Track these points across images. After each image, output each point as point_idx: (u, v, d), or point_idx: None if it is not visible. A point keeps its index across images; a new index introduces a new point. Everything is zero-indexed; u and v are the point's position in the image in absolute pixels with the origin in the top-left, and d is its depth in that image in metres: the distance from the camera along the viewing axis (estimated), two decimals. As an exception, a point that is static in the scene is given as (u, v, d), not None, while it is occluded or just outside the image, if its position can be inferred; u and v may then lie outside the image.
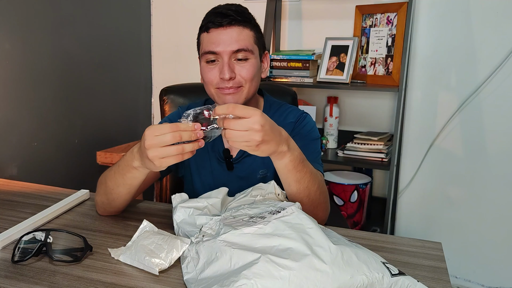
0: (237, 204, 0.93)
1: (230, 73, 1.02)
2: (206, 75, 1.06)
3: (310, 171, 0.94)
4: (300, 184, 0.92)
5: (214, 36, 1.02)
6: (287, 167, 0.90)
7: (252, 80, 1.06)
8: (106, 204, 1.02)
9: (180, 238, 0.82)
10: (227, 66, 1.02)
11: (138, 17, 2.51)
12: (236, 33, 1.02)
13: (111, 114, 2.35)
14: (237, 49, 1.02)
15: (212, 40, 1.03)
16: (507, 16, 1.92)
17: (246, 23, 1.04)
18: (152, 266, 0.77)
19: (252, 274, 0.66)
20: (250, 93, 1.07)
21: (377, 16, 2.06)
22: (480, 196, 2.08)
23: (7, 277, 0.76)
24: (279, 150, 0.86)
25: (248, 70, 1.04)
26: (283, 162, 0.89)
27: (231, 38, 1.02)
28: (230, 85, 1.04)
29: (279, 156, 0.88)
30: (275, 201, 0.93)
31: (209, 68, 1.05)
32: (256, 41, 1.07)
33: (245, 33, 1.04)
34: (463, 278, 2.16)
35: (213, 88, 1.06)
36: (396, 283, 0.69)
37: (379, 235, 0.98)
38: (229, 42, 1.02)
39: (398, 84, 1.91)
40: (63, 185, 1.34)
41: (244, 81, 1.05)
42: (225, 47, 1.02)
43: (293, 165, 0.90)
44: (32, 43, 1.84)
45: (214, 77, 1.04)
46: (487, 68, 1.98)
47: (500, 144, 2.02)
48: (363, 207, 2.10)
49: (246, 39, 1.03)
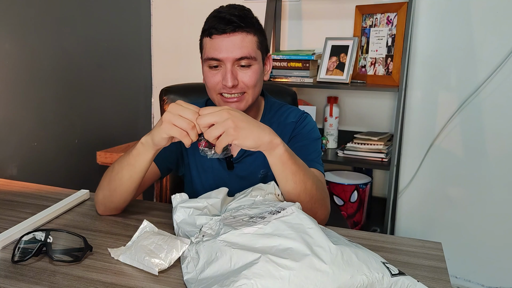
0: (237, 204, 0.93)
1: (233, 80, 1.02)
2: (209, 80, 1.06)
3: (303, 164, 0.95)
4: (296, 176, 0.92)
5: (217, 43, 1.02)
6: (282, 159, 0.90)
7: (255, 86, 1.06)
8: (107, 197, 1.01)
9: (180, 238, 0.82)
10: (230, 73, 1.02)
11: (138, 17, 2.51)
12: (239, 40, 1.02)
13: (111, 114, 2.35)
14: (240, 57, 1.02)
15: (215, 47, 1.02)
16: (507, 16, 1.92)
17: (249, 29, 1.03)
18: (152, 266, 0.77)
19: (252, 274, 0.66)
20: (253, 99, 1.08)
21: (377, 16, 2.06)
22: (480, 196, 2.08)
23: (7, 277, 0.76)
24: (269, 139, 0.88)
25: (250, 77, 1.04)
26: (277, 153, 0.90)
27: (234, 45, 1.01)
28: (233, 92, 1.04)
29: (271, 146, 0.88)
30: (275, 201, 0.93)
31: (212, 74, 1.05)
32: (259, 46, 1.06)
33: (249, 39, 1.03)
34: (463, 278, 2.16)
35: (216, 94, 1.07)
36: (396, 283, 0.69)
37: (379, 235, 0.98)
38: (232, 49, 1.01)
39: (398, 84, 1.91)
40: (63, 185, 1.34)
41: (247, 87, 1.05)
42: (228, 54, 1.02)
43: (288, 156, 0.90)
44: (32, 43, 1.84)
45: (216, 82, 1.05)
46: (487, 68, 1.98)
47: (500, 144, 2.02)
48: (363, 207, 2.10)
49: (249, 45, 1.03)
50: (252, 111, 1.14)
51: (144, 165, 0.96)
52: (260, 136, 0.87)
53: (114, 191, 1.00)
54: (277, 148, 0.89)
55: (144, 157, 0.95)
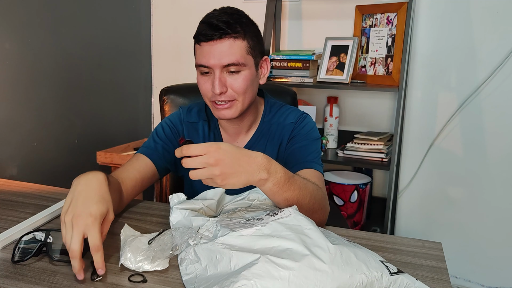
0: (233, 206, 0.93)
1: (221, 88, 1.02)
2: (201, 87, 1.07)
3: (299, 187, 0.92)
4: (289, 202, 0.91)
5: (205, 50, 1.02)
6: (272, 191, 0.88)
7: (246, 93, 1.05)
8: None
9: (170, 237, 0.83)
10: (218, 80, 1.02)
11: (138, 17, 2.51)
12: (227, 46, 1.01)
13: (111, 114, 2.35)
14: (228, 64, 1.01)
15: (203, 54, 1.02)
16: (507, 16, 1.92)
17: (237, 34, 1.02)
18: (147, 266, 0.77)
19: (251, 275, 0.66)
20: (245, 105, 1.07)
21: (377, 16, 2.06)
22: (480, 196, 2.08)
23: (7, 277, 0.76)
24: (257, 178, 0.84)
25: (240, 84, 1.03)
26: (267, 187, 0.87)
27: (221, 53, 1.01)
28: (223, 99, 1.04)
29: (260, 184, 0.86)
30: (271, 206, 0.93)
31: (204, 80, 1.05)
32: (249, 51, 1.04)
33: (237, 45, 1.02)
34: (463, 278, 2.16)
35: (208, 100, 1.08)
36: (395, 282, 0.69)
37: (379, 235, 0.98)
38: (219, 56, 1.01)
39: (398, 84, 1.91)
40: (63, 185, 1.33)
41: (237, 94, 1.04)
42: (215, 61, 1.01)
43: (279, 187, 0.88)
44: (32, 43, 1.84)
45: (207, 90, 1.05)
46: (487, 68, 1.98)
47: (500, 144, 2.02)
48: (363, 207, 2.10)
49: (238, 52, 1.02)
50: (250, 114, 1.14)
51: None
52: (249, 180, 0.84)
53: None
54: (267, 183, 0.87)
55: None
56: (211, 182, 0.82)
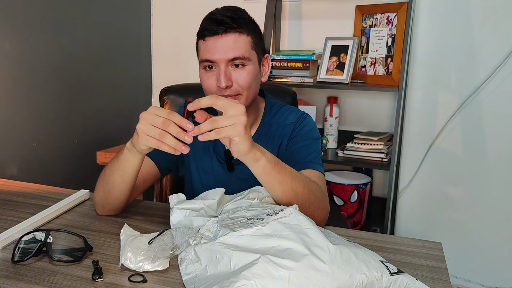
0: (233, 205, 0.93)
1: (226, 81, 1.02)
2: (205, 82, 1.06)
3: (290, 172, 0.93)
4: (283, 185, 0.92)
5: (210, 44, 1.02)
6: (266, 170, 0.90)
7: (250, 87, 1.05)
8: (103, 199, 1.02)
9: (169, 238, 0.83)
10: (224, 75, 1.02)
11: (138, 17, 2.51)
12: (232, 41, 1.01)
13: (111, 114, 2.35)
14: (233, 58, 1.02)
15: (208, 49, 1.03)
16: (507, 16, 1.92)
17: (242, 29, 1.03)
18: (146, 266, 0.77)
19: (251, 275, 0.66)
20: (249, 100, 1.07)
21: (377, 16, 2.07)
22: (480, 196, 2.08)
23: (7, 277, 0.76)
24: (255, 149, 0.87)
25: (245, 78, 1.04)
26: (260, 165, 0.89)
27: (227, 46, 1.01)
28: (227, 94, 1.04)
29: (256, 158, 0.88)
30: (272, 204, 0.93)
31: (207, 76, 1.05)
32: (253, 47, 1.06)
33: (241, 40, 1.03)
34: (463, 278, 2.16)
35: None
36: (395, 282, 0.69)
37: (379, 235, 0.98)
38: (224, 50, 1.01)
39: (398, 84, 1.91)
40: (63, 185, 1.34)
41: (242, 89, 1.04)
42: (221, 55, 1.01)
43: (271, 167, 0.90)
44: (32, 43, 1.84)
45: (212, 85, 1.04)
46: (487, 68, 1.98)
47: (500, 144, 2.02)
48: (363, 207, 2.10)
49: (242, 46, 1.03)
50: (251, 113, 1.14)
51: (133, 170, 0.96)
52: (253, 144, 0.87)
53: (108, 194, 1.00)
54: (260, 160, 0.88)
55: (131, 163, 0.95)
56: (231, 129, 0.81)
